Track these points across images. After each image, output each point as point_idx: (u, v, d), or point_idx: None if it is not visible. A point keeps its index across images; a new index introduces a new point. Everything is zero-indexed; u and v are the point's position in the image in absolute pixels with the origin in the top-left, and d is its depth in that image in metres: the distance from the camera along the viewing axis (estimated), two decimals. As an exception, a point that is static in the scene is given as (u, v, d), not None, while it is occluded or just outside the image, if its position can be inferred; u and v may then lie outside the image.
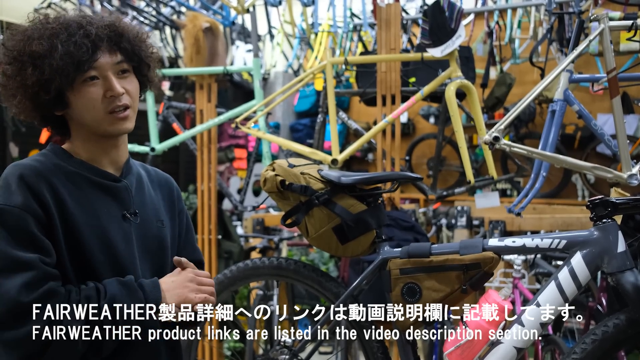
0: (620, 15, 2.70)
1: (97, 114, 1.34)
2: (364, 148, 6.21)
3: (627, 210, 1.80)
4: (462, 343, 1.81)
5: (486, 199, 3.13)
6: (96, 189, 1.36)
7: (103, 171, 1.39)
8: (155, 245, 1.44)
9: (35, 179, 1.28)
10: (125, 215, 1.39)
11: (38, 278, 1.23)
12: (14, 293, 1.20)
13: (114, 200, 1.38)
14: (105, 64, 1.33)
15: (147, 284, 1.33)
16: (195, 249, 1.58)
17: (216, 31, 3.68)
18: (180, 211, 1.56)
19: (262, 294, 3.46)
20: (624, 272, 1.71)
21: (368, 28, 4.66)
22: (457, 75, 2.70)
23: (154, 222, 1.45)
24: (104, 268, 1.32)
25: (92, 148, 1.38)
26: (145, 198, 1.46)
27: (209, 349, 3.32)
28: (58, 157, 1.36)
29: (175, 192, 1.57)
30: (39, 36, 1.30)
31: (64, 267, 1.28)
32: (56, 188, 1.29)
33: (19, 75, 1.30)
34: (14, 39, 1.32)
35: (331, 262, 4.61)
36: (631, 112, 4.98)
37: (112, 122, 1.35)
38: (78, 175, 1.35)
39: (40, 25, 1.32)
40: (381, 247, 2.01)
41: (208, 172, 3.48)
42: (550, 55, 3.86)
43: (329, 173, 2.03)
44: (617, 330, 1.71)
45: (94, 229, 1.32)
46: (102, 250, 1.32)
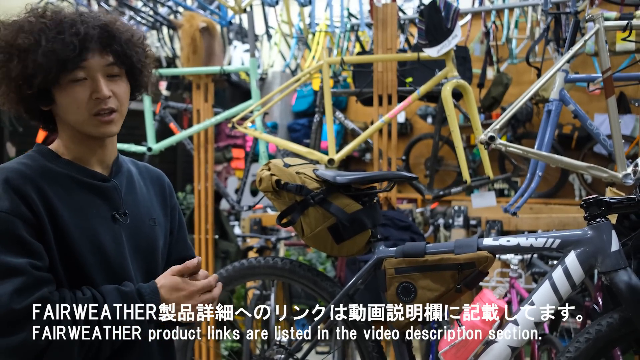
0: (616, 15, 2.71)
1: (81, 115, 1.30)
2: (361, 148, 6.22)
3: (620, 209, 1.80)
4: (457, 342, 1.81)
5: (482, 199, 3.13)
6: (85, 190, 1.33)
7: (91, 171, 1.36)
8: (146, 244, 1.42)
9: (21, 182, 1.25)
10: (114, 216, 1.36)
11: (29, 284, 1.20)
12: (5, 300, 1.18)
13: (103, 200, 1.36)
14: (94, 65, 1.30)
15: (146, 294, 1.31)
16: (187, 246, 1.57)
17: (213, 31, 3.68)
18: (172, 207, 1.54)
19: (259, 293, 3.47)
20: (618, 271, 1.72)
21: (365, 28, 4.66)
22: (453, 75, 2.70)
23: (145, 221, 1.43)
24: (95, 270, 1.30)
25: (78, 147, 1.35)
26: (137, 196, 1.44)
27: (206, 349, 3.33)
28: (45, 158, 1.33)
29: (167, 188, 1.55)
30: (29, 29, 1.27)
31: (56, 270, 1.26)
32: (44, 190, 1.27)
33: (5, 66, 1.27)
34: (6, 28, 1.29)
35: (328, 262, 4.61)
36: (628, 112, 4.99)
37: (96, 125, 1.31)
38: (66, 176, 1.32)
39: (34, 19, 1.29)
40: (376, 247, 2.02)
41: (205, 171, 3.48)
42: (547, 56, 3.87)
43: (324, 172, 2.04)
44: (610, 329, 1.72)
45: (84, 230, 1.30)
46: (93, 252, 1.30)
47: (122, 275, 1.35)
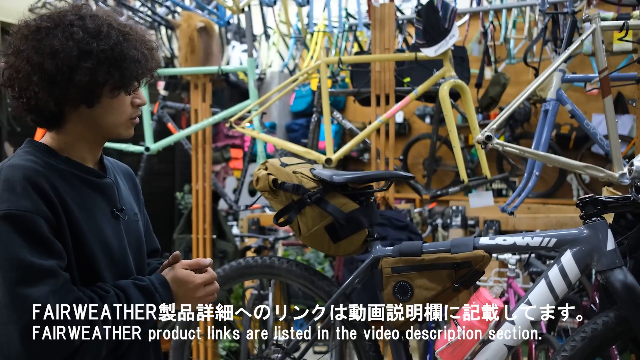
0: (613, 15, 2.71)
1: (121, 119, 1.35)
2: (359, 148, 6.22)
3: (616, 208, 1.81)
4: (453, 341, 1.82)
5: (480, 199, 3.13)
6: (87, 187, 1.34)
7: (89, 168, 1.37)
8: (134, 240, 1.43)
9: (39, 180, 1.23)
10: (114, 212, 1.37)
11: (62, 284, 1.21)
12: (43, 302, 1.18)
13: (103, 197, 1.37)
14: None
15: (161, 291, 1.33)
16: (154, 238, 1.61)
17: (211, 31, 3.69)
18: (142, 202, 1.57)
19: (257, 293, 3.47)
20: (613, 270, 1.72)
21: (363, 28, 4.66)
22: (450, 74, 2.71)
23: (131, 216, 1.45)
24: (104, 267, 1.31)
25: (83, 146, 1.35)
26: (122, 192, 1.45)
27: (204, 349, 3.33)
28: (44, 154, 1.31)
29: (137, 182, 1.58)
30: (127, 41, 1.30)
31: (72, 268, 1.27)
32: (57, 188, 1.26)
33: (69, 62, 1.24)
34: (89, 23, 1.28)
35: (326, 262, 4.61)
36: (625, 112, 5.00)
37: (128, 127, 1.38)
38: (69, 173, 1.31)
39: (131, 31, 1.33)
40: (373, 246, 2.02)
41: (203, 171, 3.48)
42: (544, 56, 3.87)
43: (321, 172, 2.04)
44: (606, 327, 1.72)
45: (92, 227, 1.30)
46: (102, 250, 1.31)
47: (125, 272, 1.36)
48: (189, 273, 1.38)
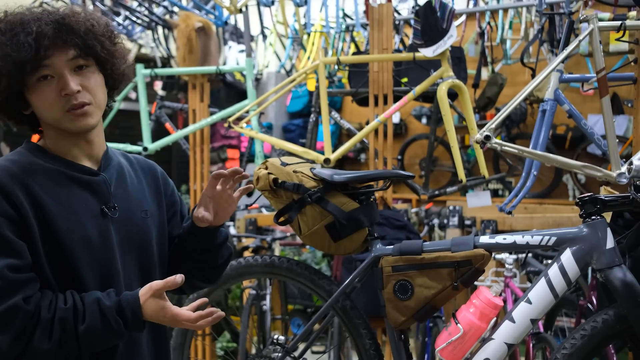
0: (609, 16, 2.73)
1: (55, 113, 1.30)
2: (356, 148, 6.23)
3: (615, 207, 1.82)
4: (453, 339, 1.83)
5: (477, 199, 3.15)
6: (73, 184, 1.33)
7: (80, 165, 1.36)
8: (137, 237, 1.42)
9: (6, 180, 1.25)
10: (103, 210, 1.36)
11: (4, 289, 1.20)
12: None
13: (92, 194, 1.36)
14: (56, 61, 1.27)
15: (129, 318, 1.28)
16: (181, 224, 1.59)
17: (209, 31, 3.69)
18: (171, 192, 1.56)
19: (255, 293, 3.47)
20: (613, 269, 1.73)
21: (360, 28, 4.67)
22: (448, 75, 2.72)
23: (137, 214, 1.43)
24: (84, 265, 1.30)
25: (64, 143, 1.35)
26: (127, 189, 1.43)
27: (202, 348, 3.33)
28: (33, 154, 1.33)
29: (160, 177, 1.55)
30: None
31: (42, 267, 1.26)
32: (30, 187, 1.26)
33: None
34: None
35: (324, 261, 4.62)
36: (621, 112, 5.03)
37: (71, 120, 1.30)
38: (55, 171, 1.32)
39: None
40: (373, 245, 2.02)
41: (200, 171, 3.48)
42: (541, 56, 3.89)
43: (321, 171, 2.04)
44: (605, 325, 1.73)
45: (73, 225, 1.30)
46: (82, 247, 1.30)
47: (109, 270, 1.34)
48: (162, 305, 1.29)
